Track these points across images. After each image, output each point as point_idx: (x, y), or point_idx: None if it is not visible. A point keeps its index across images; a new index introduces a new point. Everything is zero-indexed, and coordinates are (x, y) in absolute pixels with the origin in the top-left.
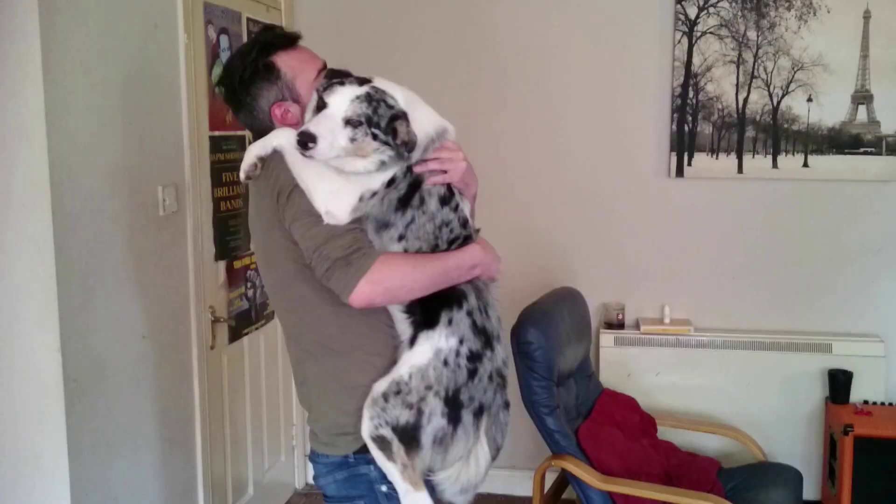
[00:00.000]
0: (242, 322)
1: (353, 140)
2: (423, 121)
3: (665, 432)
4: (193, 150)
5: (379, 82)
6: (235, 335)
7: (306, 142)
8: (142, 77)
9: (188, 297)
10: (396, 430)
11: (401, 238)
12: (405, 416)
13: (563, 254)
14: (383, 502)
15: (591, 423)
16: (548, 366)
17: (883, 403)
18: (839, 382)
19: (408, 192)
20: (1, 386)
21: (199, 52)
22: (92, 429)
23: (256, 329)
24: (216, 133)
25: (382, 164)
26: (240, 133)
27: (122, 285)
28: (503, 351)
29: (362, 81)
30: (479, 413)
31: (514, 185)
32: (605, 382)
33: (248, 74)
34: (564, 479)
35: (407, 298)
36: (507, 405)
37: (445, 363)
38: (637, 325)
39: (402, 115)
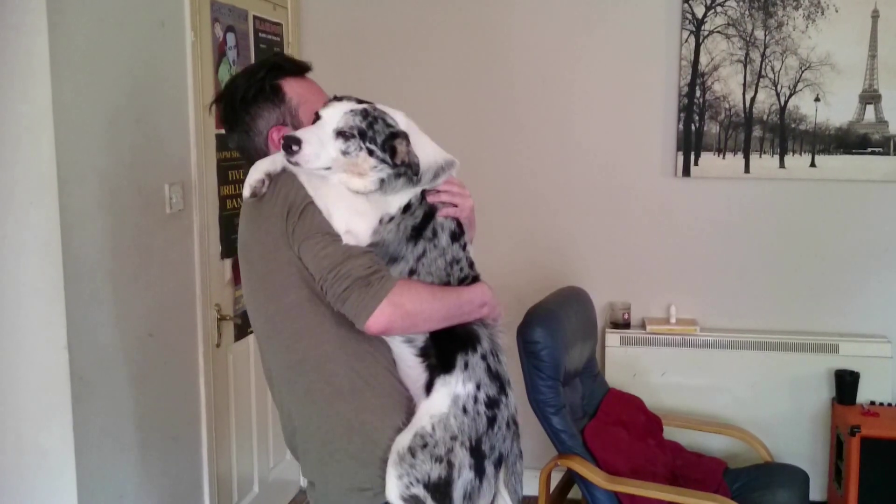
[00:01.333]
0: (248, 320)
1: (345, 153)
2: (428, 149)
3: (671, 432)
4: (200, 148)
5: (381, 105)
6: (241, 333)
7: (290, 145)
8: (149, 75)
9: (194, 295)
10: (429, 486)
11: (412, 272)
12: (437, 471)
13: (569, 253)
14: None
15: (597, 423)
16: (554, 365)
17: (890, 404)
18: (846, 383)
19: (422, 221)
20: (8, 383)
21: (205, 50)
22: (98, 426)
23: None
24: (222, 131)
25: (382, 183)
26: None
27: (128, 283)
28: (514, 398)
29: (362, 101)
30: (498, 464)
31: (521, 185)
32: (611, 382)
33: (252, 94)
34: (570, 478)
35: (424, 328)
36: (521, 454)
37: (465, 410)
38: (643, 325)
39: (401, 135)
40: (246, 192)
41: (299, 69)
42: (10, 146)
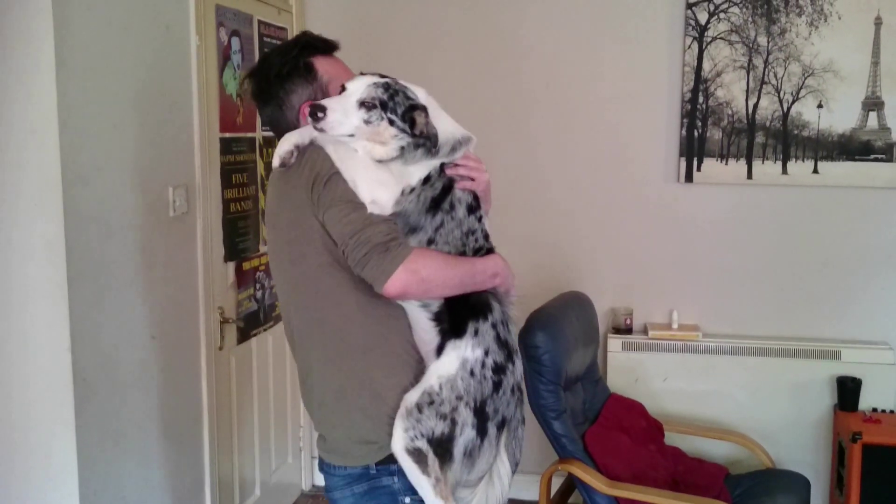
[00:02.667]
0: (251, 323)
1: (367, 122)
2: (446, 124)
3: (672, 438)
4: (204, 151)
5: (403, 81)
6: (244, 336)
7: (316, 112)
8: (153, 78)
9: (197, 298)
10: (432, 441)
11: (430, 242)
12: (440, 427)
13: (571, 258)
14: None
15: (599, 428)
16: (556, 370)
17: (892, 411)
18: (848, 390)
19: (441, 193)
20: (11, 384)
21: (210, 54)
22: (101, 428)
23: (265, 330)
24: (226, 135)
25: (402, 150)
26: (249, 135)
27: (131, 285)
28: (521, 366)
29: (385, 76)
30: (501, 426)
31: (524, 189)
32: (613, 387)
33: (287, 70)
34: (571, 483)
35: (438, 294)
36: (523, 420)
37: (472, 374)
38: (645, 331)
39: (420, 107)
40: (275, 161)
41: (329, 48)
42: (16, 148)
